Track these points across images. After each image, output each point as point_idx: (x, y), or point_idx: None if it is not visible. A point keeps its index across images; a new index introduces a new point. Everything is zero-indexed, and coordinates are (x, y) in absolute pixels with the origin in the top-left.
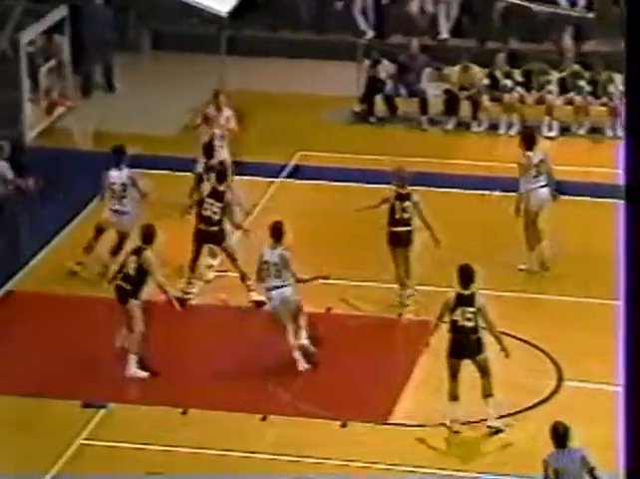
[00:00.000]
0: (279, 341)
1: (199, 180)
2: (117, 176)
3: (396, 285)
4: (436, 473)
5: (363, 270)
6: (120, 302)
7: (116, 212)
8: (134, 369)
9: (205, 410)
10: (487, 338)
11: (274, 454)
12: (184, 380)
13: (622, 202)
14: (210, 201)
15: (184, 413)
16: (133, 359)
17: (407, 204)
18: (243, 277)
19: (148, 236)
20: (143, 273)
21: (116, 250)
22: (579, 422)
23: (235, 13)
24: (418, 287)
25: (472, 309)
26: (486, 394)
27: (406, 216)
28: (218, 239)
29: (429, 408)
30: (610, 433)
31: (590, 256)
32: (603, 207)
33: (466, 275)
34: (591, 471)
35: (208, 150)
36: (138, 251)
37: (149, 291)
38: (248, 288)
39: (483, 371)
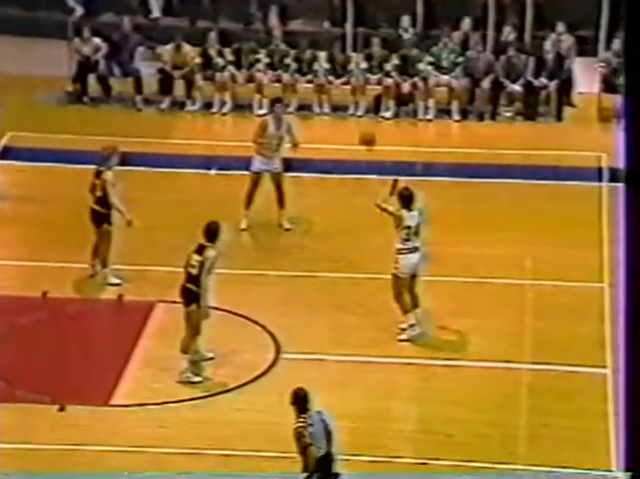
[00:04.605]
0: None
1: None
2: None
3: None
4: (163, 452)
5: (77, 253)
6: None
7: None
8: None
9: None
10: None
11: None
12: None
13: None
14: None
15: None
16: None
17: (97, 181)
18: None
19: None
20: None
21: None
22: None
23: None
24: (131, 268)
25: (198, 258)
26: (183, 350)
27: (98, 194)
28: None
29: (151, 388)
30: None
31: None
32: (314, 182)
33: (209, 231)
34: (329, 434)
35: None
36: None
37: None
38: None
39: (189, 323)
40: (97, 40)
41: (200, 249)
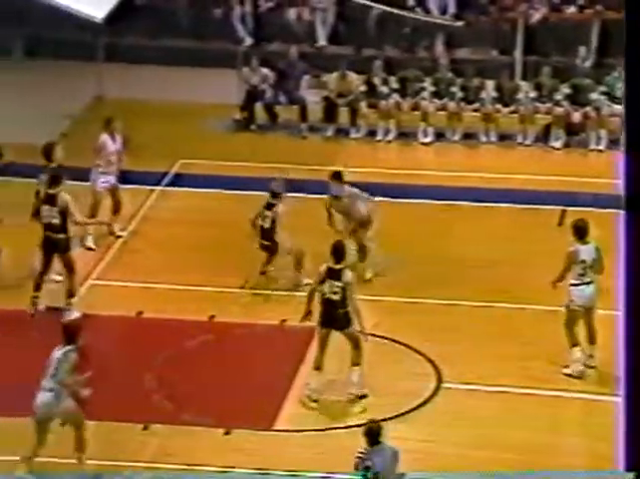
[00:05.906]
0: (159, 350)
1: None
2: None
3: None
4: (321, 477)
5: (245, 277)
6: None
7: None
8: None
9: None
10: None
11: (157, 463)
12: None
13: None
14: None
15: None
16: None
17: (267, 213)
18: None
19: None
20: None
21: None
22: (462, 423)
23: (112, 19)
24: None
25: (338, 284)
26: (354, 363)
27: (266, 225)
28: (62, 246)
29: (313, 414)
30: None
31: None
32: (480, 211)
33: (337, 251)
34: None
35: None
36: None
37: None
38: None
39: (354, 343)
40: (265, 70)
41: (335, 274)
